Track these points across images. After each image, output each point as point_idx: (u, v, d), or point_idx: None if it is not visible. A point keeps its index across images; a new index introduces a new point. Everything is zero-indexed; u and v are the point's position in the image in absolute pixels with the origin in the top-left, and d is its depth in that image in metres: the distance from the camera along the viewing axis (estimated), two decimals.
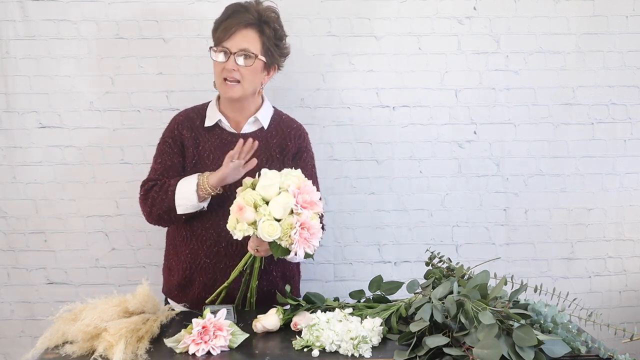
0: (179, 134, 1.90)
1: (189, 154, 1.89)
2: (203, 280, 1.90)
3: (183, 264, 1.91)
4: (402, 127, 2.40)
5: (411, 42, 2.36)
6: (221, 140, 1.90)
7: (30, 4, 2.25)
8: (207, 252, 1.89)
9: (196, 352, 1.47)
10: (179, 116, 1.95)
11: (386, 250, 2.46)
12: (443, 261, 1.78)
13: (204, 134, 1.91)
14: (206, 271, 1.89)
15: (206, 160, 1.88)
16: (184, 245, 1.91)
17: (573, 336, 1.45)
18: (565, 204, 2.47)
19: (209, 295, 1.85)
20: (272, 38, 1.85)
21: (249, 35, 1.81)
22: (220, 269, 1.89)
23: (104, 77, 2.31)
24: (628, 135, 2.45)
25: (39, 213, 2.36)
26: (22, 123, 2.32)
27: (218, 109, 1.92)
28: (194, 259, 1.90)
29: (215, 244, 1.88)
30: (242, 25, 1.80)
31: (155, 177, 1.89)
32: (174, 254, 1.95)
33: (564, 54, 2.39)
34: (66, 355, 1.50)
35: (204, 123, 1.91)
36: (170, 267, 1.97)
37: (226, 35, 1.80)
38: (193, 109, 1.97)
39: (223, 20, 1.83)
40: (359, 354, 1.47)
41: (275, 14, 1.88)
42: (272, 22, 1.86)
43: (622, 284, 2.53)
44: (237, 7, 1.83)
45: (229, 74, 1.80)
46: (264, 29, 1.83)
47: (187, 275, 1.91)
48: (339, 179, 2.42)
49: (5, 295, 2.41)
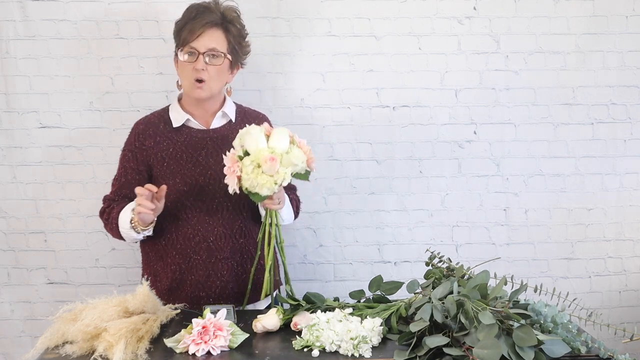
0: (140, 145, 1.91)
1: (157, 159, 1.90)
2: (195, 279, 1.90)
3: (171, 266, 1.90)
4: (402, 127, 2.40)
5: (411, 42, 2.36)
6: (191, 139, 1.91)
7: (30, 4, 2.26)
8: (196, 249, 1.89)
9: (196, 352, 1.47)
10: (139, 125, 1.95)
11: (386, 250, 2.46)
12: (443, 261, 1.78)
13: (171, 136, 1.91)
14: (198, 268, 1.89)
15: (180, 161, 1.89)
16: (171, 248, 1.90)
17: (573, 336, 1.45)
18: (565, 204, 2.47)
19: (202, 293, 1.88)
20: (237, 37, 1.89)
21: (215, 35, 1.84)
22: (212, 264, 1.90)
23: (104, 77, 2.32)
24: (628, 135, 2.45)
25: (39, 213, 2.37)
26: (22, 123, 2.32)
27: (182, 109, 1.93)
28: (184, 259, 1.89)
29: (204, 239, 1.89)
30: (208, 25, 1.82)
31: (110, 196, 1.94)
32: (157, 259, 1.94)
33: (564, 54, 2.39)
34: (66, 355, 1.50)
35: (168, 125, 1.92)
36: (155, 274, 1.94)
37: (193, 36, 1.82)
38: (153, 114, 1.98)
39: (187, 22, 1.84)
40: (359, 354, 1.47)
41: (236, 13, 1.92)
42: (236, 21, 1.90)
43: (622, 284, 2.53)
44: (200, 8, 1.86)
45: (198, 74, 1.82)
46: (229, 28, 1.87)
47: (176, 277, 1.90)
48: (339, 179, 2.42)
49: (5, 295, 2.41)
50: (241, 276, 1.94)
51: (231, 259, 1.92)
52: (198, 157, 1.90)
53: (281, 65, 2.34)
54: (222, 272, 1.90)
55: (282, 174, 1.66)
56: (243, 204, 1.94)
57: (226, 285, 1.91)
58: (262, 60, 2.33)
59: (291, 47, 2.34)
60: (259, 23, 2.31)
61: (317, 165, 2.01)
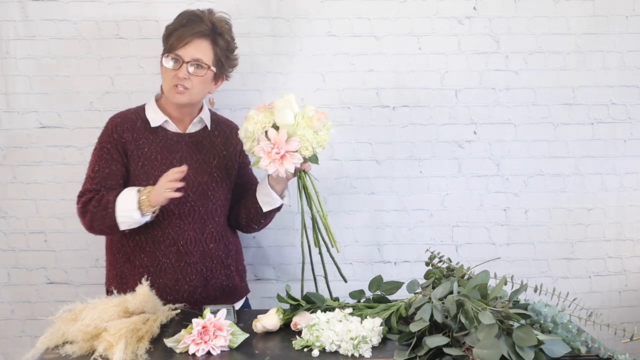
0: (119, 137, 1.87)
1: (134, 156, 1.87)
2: (164, 282, 1.87)
3: (139, 269, 1.88)
4: (402, 127, 2.40)
5: (411, 42, 2.36)
6: (167, 141, 1.90)
7: (30, 4, 2.25)
8: (165, 252, 1.88)
9: (196, 352, 1.47)
10: (116, 118, 1.92)
11: (386, 250, 2.46)
12: (443, 261, 1.78)
13: (147, 135, 1.90)
14: (166, 272, 1.88)
15: (154, 162, 1.88)
16: (139, 250, 1.88)
17: (573, 336, 1.45)
18: (565, 204, 2.47)
19: (169, 297, 1.84)
20: (224, 50, 1.88)
21: (202, 46, 1.83)
22: (181, 267, 1.89)
23: (104, 77, 2.32)
24: (628, 135, 2.45)
25: (39, 213, 2.36)
26: (22, 123, 2.32)
27: (160, 110, 1.92)
28: (152, 262, 1.88)
29: (174, 243, 1.88)
30: (196, 35, 1.82)
31: (92, 187, 1.85)
32: (124, 261, 1.90)
33: (563, 54, 2.39)
34: (66, 355, 1.50)
35: (145, 124, 1.91)
36: (122, 276, 1.90)
37: (180, 44, 1.81)
38: (129, 111, 1.96)
39: (177, 28, 1.84)
40: (359, 354, 1.47)
41: (228, 25, 1.91)
42: (226, 33, 1.89)
43: (622, 284, 2.53)
44: (191, 16, 1.85)
45: (180, 81, 1.82)
46: (217, 40, 1.86)
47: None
48: (339, 179, 2.42)
49: (5, 295, 2.41)
50: (210, 281, 1.93)
51: (200, 264, 1.91)
52: (172, 160, 1.89)
53: (281, 65, 2.34)
54: (190, 277, 1.89)
55: (327, 124, 1.80)
56: (216, 208, 1.94)
57: (194, 290, 1.90)
58: (262, 60, 2.33)
59: (291, 47, 2.33)
60: (259, 23, 2.31)
61: (317, 164, 2.03)
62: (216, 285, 1.94)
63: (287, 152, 1.72)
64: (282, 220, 2.31)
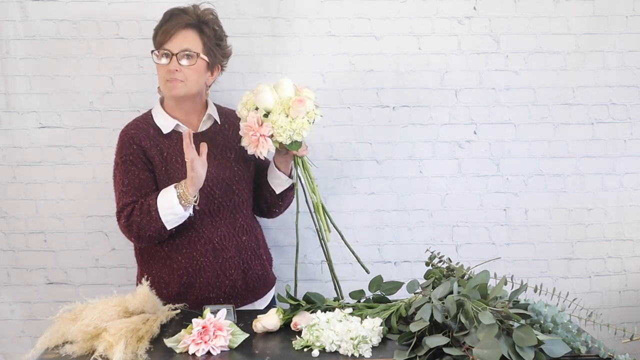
0: (139, 146, 1.88)
1: (157, 162, 1.88)
2: (205, 280, 1.91)
3: (178, 271, 1.90)
4: (402, 127, 2.40)
5: (411, 42, 2.36)
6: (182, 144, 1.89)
7: (30, 4, 2.25)
8: (202, 251, 1.90)
9: (196, 352, 1.48)
10: (129, 130, 1.91)
11: (386, 250, 2.46)
12: (443, 261, 1.78)
13: (163, 140, 1.91)
14: (206, 270, 1.91)
15: (175, 165, 1.88)
16: (176, 253, 1.90)
17: (573, 336, 1.45)
18: (565, 204, 2.47)
19: (212, 294, 1.90)
20: (212, 38, 1.89)
21: (188, 36, 1.84)
22: (220, 264, 1.92)
23: (104, 77, 2.31)
24: (628, 135, 2.45)
25: (39, 213, 2.36)
26: (22, 123, 2.32)
27: (168, 115, 1.92)
28: (191, 263, 1.90)
29: (209, 241, 1.90)
30: (180, 26, 1.83)
31: (129, 200, 1.84)
32: (161, 266, 1.92)
33: (563, 54, 2.39)
34: (66, 355, 1.50)
35: (157, 131, 1.91)
36: (161, 280, 1.92)
37: (166, 38, 1.83)
38: (137, 120, 1.96)
39: (162, 25, 1.85)
40: (359, 354, 1.47)
41: (213, 15, 1.92)
42: (211, 22, 1.90)
43: (622, 284, 2.53)
44: (175, 11, 1.87)
45: (171, 75, 1.82)
46: (203, 29, 1.87)
47: (185, 282, 1.90)
48: (339, 179, 2.42)
49: (5, 295, 2.41)
50: (247, 273, 1.98)
51: (237, 258, 1.95)
52: None
53: (281, 65, 2.34)
54: (230, 272, 1.93)
55: (311, 112, 1.81)
56: (242, 201, 1.97)
57: (235, 284, 1.94)
58: (262, 60, 2.33)
59: (291, 47, 2.33)
60: (259, 23, 2.31)
61: (317, 164, 2.04)
62: (254, 276, 1.99)
63: (261, 136, 1.79)
64: (283, 220, 2.31)
